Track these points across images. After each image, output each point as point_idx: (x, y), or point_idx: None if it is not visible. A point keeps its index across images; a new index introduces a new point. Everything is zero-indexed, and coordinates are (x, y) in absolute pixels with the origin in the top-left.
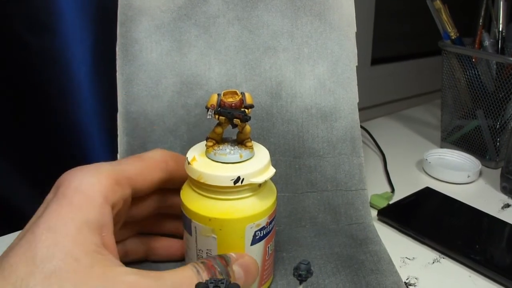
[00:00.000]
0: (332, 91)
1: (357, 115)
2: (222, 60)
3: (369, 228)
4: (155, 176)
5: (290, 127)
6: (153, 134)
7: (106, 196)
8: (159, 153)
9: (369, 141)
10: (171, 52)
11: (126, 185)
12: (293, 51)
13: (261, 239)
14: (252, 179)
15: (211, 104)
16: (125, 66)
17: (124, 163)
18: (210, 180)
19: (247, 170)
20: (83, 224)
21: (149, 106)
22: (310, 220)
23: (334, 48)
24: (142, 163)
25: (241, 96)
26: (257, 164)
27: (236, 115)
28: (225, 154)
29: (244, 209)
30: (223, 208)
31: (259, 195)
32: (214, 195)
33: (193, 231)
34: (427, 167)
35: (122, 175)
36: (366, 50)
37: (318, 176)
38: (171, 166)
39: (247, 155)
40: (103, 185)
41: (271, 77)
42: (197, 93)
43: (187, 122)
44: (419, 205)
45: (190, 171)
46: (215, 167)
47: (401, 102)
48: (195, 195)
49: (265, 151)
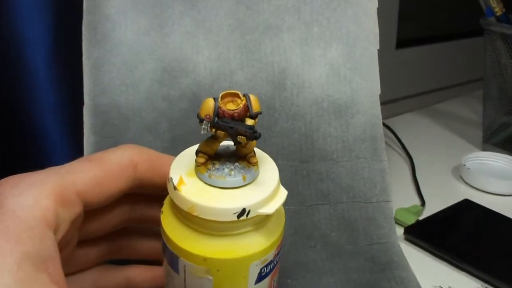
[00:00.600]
0: (348, 80)
1: (379, 110)
2: (212, 42)
3: (394, 249)
4: (118, 186)
5: (297, 124)
6: (128, 133)
7: (48, 221)
8: (127, 153)
9: (394, 142)
10: (150, 31)
11: (75, 203)
12: (300, 31)
13: (267, 275)
14: (260, 209)
15: (206, 115)
16: (93, 49)
17: (75, 171)
18: (206, 214)
19: (254, 198)
20: (23, 258)
21: (123, 98)
22: (321, 239)
23: (351, 27)
24: (100, 169)
25: (245, 101)
26: (265, 187)
27: (242, 131)
28: (224, 177)
29: (249, 245)
30: (222, 245)
31: (267, 224)
32: (210, 231)
33: (181, 270)
34: (465, 174)
35: (71, 189)
36: (390, 30)
37: (330, 185)
38: (143, 170)
39: (252, 175)
40: (44, 208)
41: (273, 62)
42: (182, 82)
43: (169, 118)
44: (456, 222)
45: (178, 199)
46: (211, 194)
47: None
48: (184, 228)
49: (270, 162)
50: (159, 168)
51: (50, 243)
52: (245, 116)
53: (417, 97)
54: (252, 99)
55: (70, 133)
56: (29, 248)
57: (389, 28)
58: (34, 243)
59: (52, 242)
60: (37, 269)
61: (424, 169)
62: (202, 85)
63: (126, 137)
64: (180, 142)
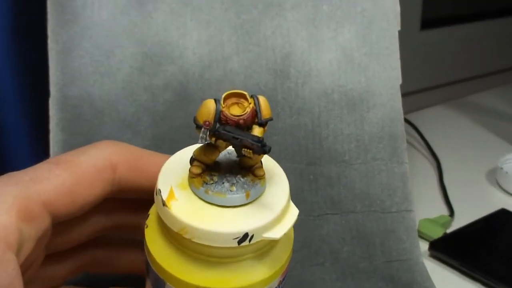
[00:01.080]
0: (363, 67)
1: (400, 103)
2: (203, 22)
3: (417, 267)
4: (92, 193)
5: (302, 120)
6: (102, 129)
7: (8, 242)
8: (103, 152)
9: (417, 141)
10: (128, 9)
11: (41, 217)
12: (306, 9)
13: None
14: (266, 233)
15: (205, 121)
16: (60, 30)
17: (41, 177)
18: (200, 238)
19: (259, 220)
20: None
21: (97, 89)
22: (331, 255)
23: (366, 5)
24: (70, 175)
25: (253, 104)
26: (273, 206)
27: (248, 144)
28: (223, 194)
29: (250, 274)
30: (218, 273)
31: (272, 250)
32: (205, 257)
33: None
34: (502, 179)
35: (36, 201)
36: (414, 7)
37: (342, 191)
38: (123, 172)
39: (257, 192)
40: (3, 226)
41: (275, 47)
42: (167, 69)
43: (151, 112)
44: (491, 235)
45: (167, 217)
46: (208, 214)
47: (464, 84)
48: (173, 249)
49: (280, 173)
50: (144, 168)
51: (11, 268)
52: (252, 122)
53: (445, 88)
54: (261, 102)
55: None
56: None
57: (412, 5)
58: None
59: (14, 266)
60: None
61: (453, 173)
62: (190, 73)
63: (100, 134)
64: (164, 140)
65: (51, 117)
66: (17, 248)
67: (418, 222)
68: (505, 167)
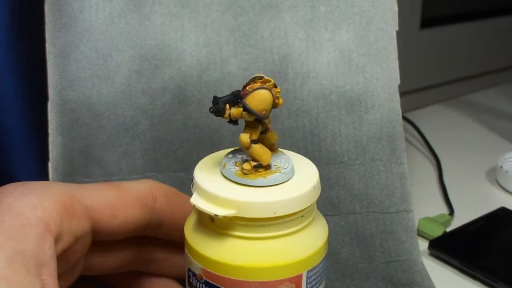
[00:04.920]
0: (361, 68)
1: (398, 103)
2: (200, 24)
3: (416, 267)
4: (133, 215)
5: (300, 121)
6: (101, 133)
7: (48, 224)
8: (146, 184)
9: (417, 140)
10: (126, 12)
11: (82, 216)
12: (304, 10)
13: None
14: None
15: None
16: (58, 34)
17: (88, 188)
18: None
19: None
20: (15, 254)
21: (95, 92)
22: (329, 256)
23: (364, 6)
24: (115, 193)
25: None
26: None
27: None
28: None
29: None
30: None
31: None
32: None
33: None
34: (502, 178)
35: (79, 201)
36: (413, 7)
37: (341, 192)
38: (161, 204)
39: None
40: (46, 210)
41: (272, 48)
42: (165, 72)
43: (150, 115)
44: (491, 234)
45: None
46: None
47: (463, 83)
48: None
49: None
50: (180, 202)
51: (48, 246)
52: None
53: (445, 86)
54: (261, 94)
55: (33, 134)
56: (23, 246)
57: (412, 5)
58: (29, 242)
59: (50, 246)
60: (28, 271)
61: (452, 172)
62: (188, 76)
63: (99, 139)
64: (163, 143)
65: (50, 120)
66: (56, 235)
67: (418, 221)
68: (505, 166)
